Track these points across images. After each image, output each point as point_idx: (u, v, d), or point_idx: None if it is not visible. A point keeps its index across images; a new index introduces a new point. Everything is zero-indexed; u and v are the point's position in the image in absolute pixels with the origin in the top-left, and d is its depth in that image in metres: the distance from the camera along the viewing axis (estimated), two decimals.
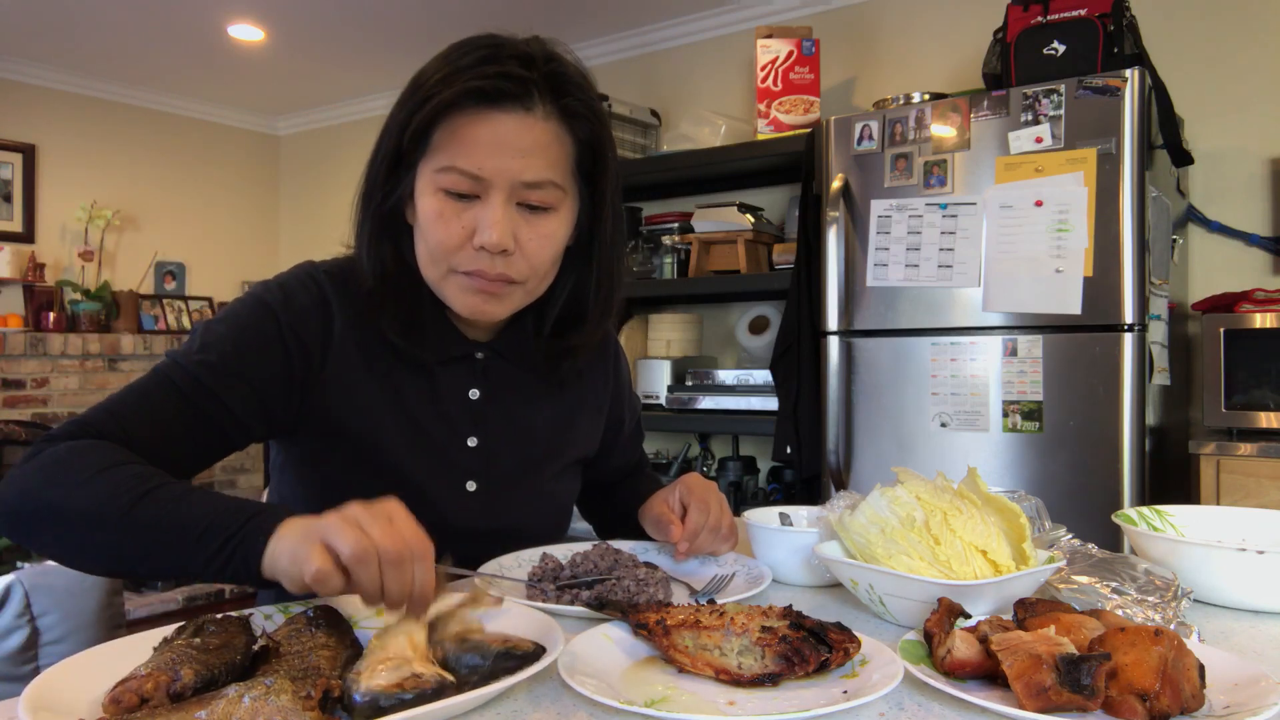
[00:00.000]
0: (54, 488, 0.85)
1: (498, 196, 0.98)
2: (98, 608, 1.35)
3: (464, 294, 1.03)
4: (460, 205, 0.99)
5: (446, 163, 0.98)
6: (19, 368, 4.23)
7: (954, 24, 3.24)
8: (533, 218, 1.01)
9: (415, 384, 1.09)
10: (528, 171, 0.98)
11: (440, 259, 1.01)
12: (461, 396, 1.12)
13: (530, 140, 0.98)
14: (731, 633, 0.74)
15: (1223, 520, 1.12)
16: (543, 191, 1.00)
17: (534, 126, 0.99)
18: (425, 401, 1.09)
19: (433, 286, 1.05)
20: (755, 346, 3.44)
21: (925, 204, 2.47)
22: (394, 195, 1.03)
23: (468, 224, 0.99)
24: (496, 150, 0.97)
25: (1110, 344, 2.23)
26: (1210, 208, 2.77)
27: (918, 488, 0.92)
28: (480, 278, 1.00)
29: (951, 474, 0.97)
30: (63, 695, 0.65)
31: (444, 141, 0.98)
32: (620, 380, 1.32)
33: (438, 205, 0.99)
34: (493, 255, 0.99)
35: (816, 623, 0.75)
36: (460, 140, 0.97)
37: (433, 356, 1.09)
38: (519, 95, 0.98)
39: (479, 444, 1.12)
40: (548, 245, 1.03)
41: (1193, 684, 0.65)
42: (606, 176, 1.07)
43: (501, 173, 0.97)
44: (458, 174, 0.97)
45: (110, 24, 3.94)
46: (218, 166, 5.26)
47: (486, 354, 1.13)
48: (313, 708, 0.60)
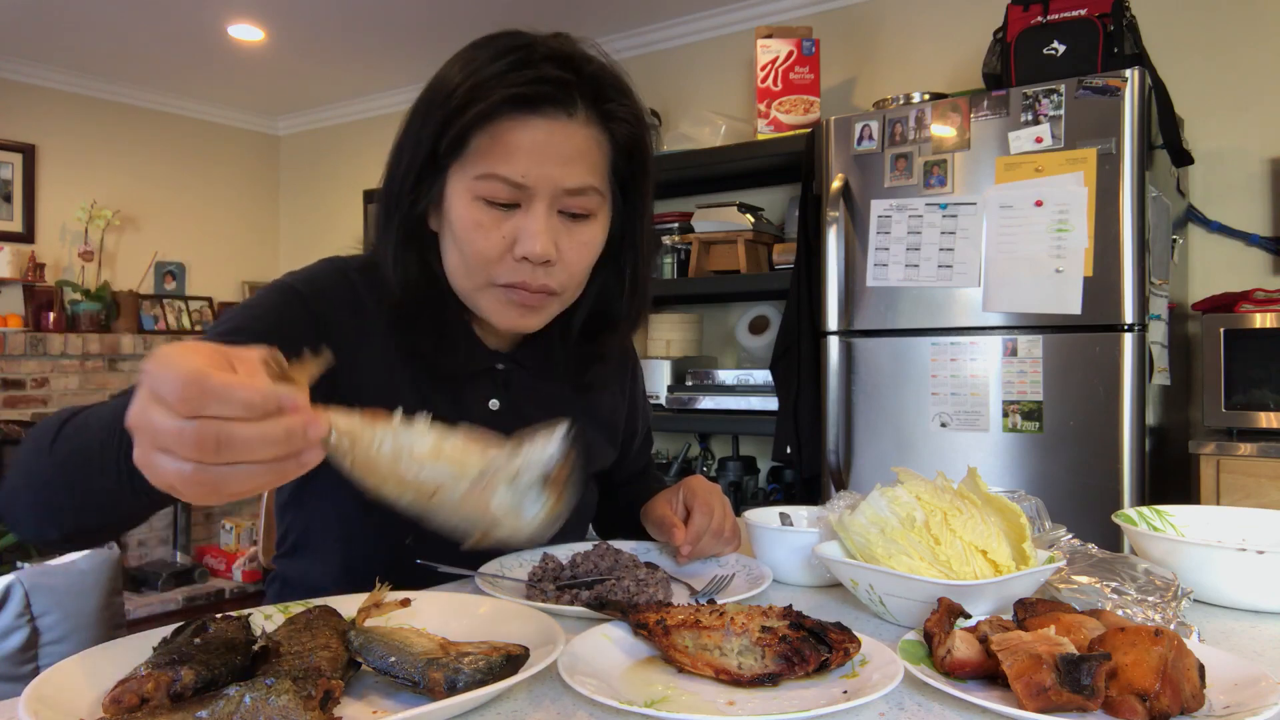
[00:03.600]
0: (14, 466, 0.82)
1: (540, 205, 0.94)
2: (98, 608, 1.35)
3: (502, 307, 0.98)
4: (500, 214, 0.94)
5: (487, 170, 0.93)
6: (19, 368, 4.23)
7: (954, 24, 3.24)
8: (573, 225, 0.97)
9: (439, 394, 1.05)
10: (570, 178, 0.94)
11: (477, 270, 0.97)
12: (482, 407, 1.09)
13: (572, 146, 0.95)
14: (731, 633, 0.74)
15: (1223, 520, 1.11)
16: (584, 198, 0.96)
17: (576, 132, 0.95)
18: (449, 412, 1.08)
19: (465, 297, 1.01)
20: (755, 346, 3.44)
21: (925, 204, 2.47)
22: (421, 203, 0.98)
23: (508, 234, 0.94)
24: (539, 157, 0.93)
25: (1110, 344, 2.23)
26: (1210, 208, 2.77)
27: (918, 488, 0.92)
28: (522, 290, 0.96)
29: (951, 474, 0.97)
30: (63, 695, 0.65)
31: (483, 148, 0.93)
32: (637, 391, 1.31)
33: (476, 215, 0.94)
34: (534, 266, 0.95)
35: (816, 623, 0.75)
36: (502, 146, 0.92)
37: (458, 368, 1.06)
38: (560, 100, 0.94)
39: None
40: (587, 253, 0.99)
41: (1193, 684, 0.65)
42: (647, 180, 1.04)
43: (544, 180, 0.93)
44: (500, 182, 0.93)
45: (110, 24, 3.94)
46: (218, 166, 5.26)
47: (507, 365, 1.10)
48: (314, 708, 0.60)
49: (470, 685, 0.67)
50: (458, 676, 0.67)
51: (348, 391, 0.98)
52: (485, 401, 1.09)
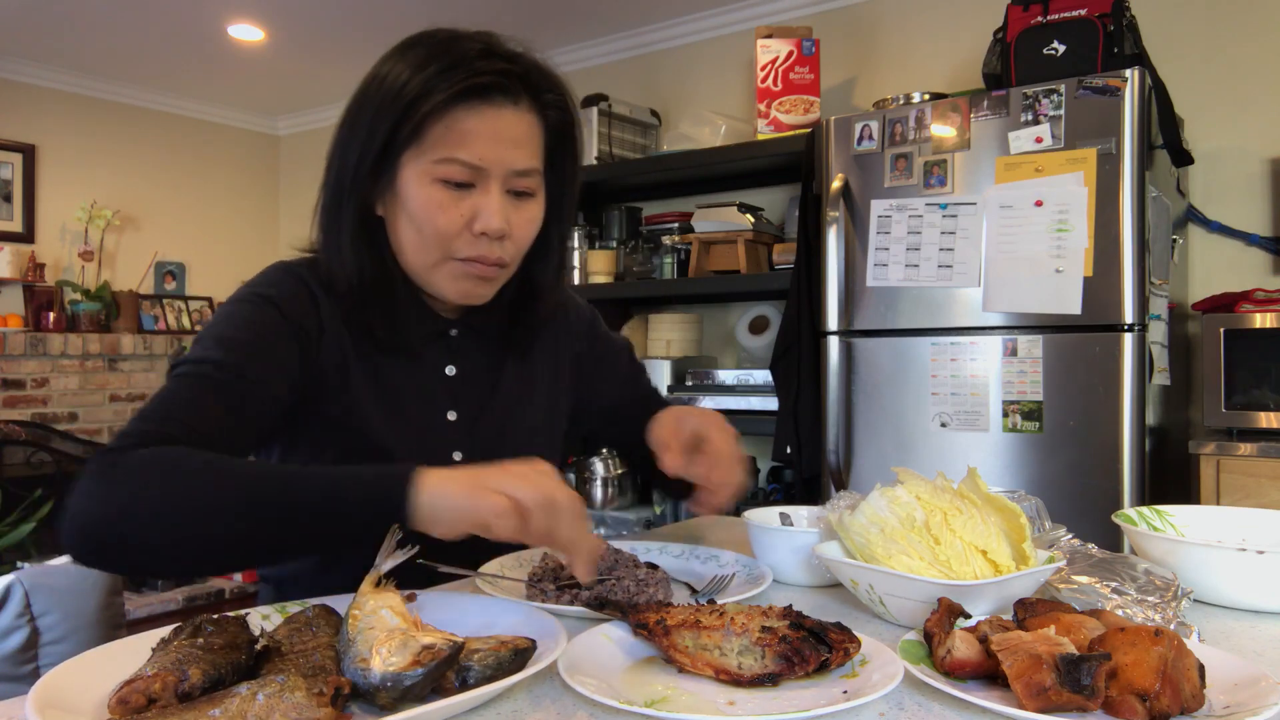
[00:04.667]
0: (160, 489, 0.83)
1: (494, 185, 1.04)
2: (98, 608, 1.35)
3: (458, 280, 1.07)
4: (458, 194, 1.03)
5: (445, 155, 1.02)
6: (19, 368, 4.23)
7: (954, 24, 3.24)
8: (519, 203, 1.07)
9: (395, 366, 1.12)
10: (519, 160, 1.04)
11: (435, 247, 1.05)
12: (439, 374, 1.16)
13: (519, 131, 1.05)
14: (731, 633, 0.74)
15: (1223, 520, 1.12)
16: (529, 179, 1.07)
17: (521, 119, 1.05)
18: (406, 382, 1.13)
19: (419, 274, 1.09)
20: (755, 346, 3.44)
21: (925, 204, 2.47)
22: (374, 192, 1.06)
23: (465, 212, 1.03)
24: (492, 141, 1.02)
25: (1110, 344, 2.23)
26: (1210, 208, 2.77)
27: (918, 488, 0.92)
28: (479, 263, 1.06)
29: (951, 474, 0.97)
30: (68, 696, 0.65)
31: (439, 136, 1.02)
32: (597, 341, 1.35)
33: (436, 195, 1.03)
34: (491, 241, 1.05)
35: (816, 623, 0.75)
36: (457, 134, 1.02)
37: (412, 340, 1.13)
38: (507, 90, 1.03)
39: (458, 417, 1.15)
40: (531, 229, 1.10)
41: (1193, 684, 0.65)
42: (576, 163, 1.14)
43: (498, 162, 1.03)
44: (458, 165, 1.02)
45: (110, 24, 3.94)
46: (218, 166, 5.26)
47: (460, 330, 1.18)
48: (326, 704, 0.61)
49: (480, 681, 0.67)
50: (468, 673, 0.67)
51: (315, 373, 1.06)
52: (442, 368, 1.16)
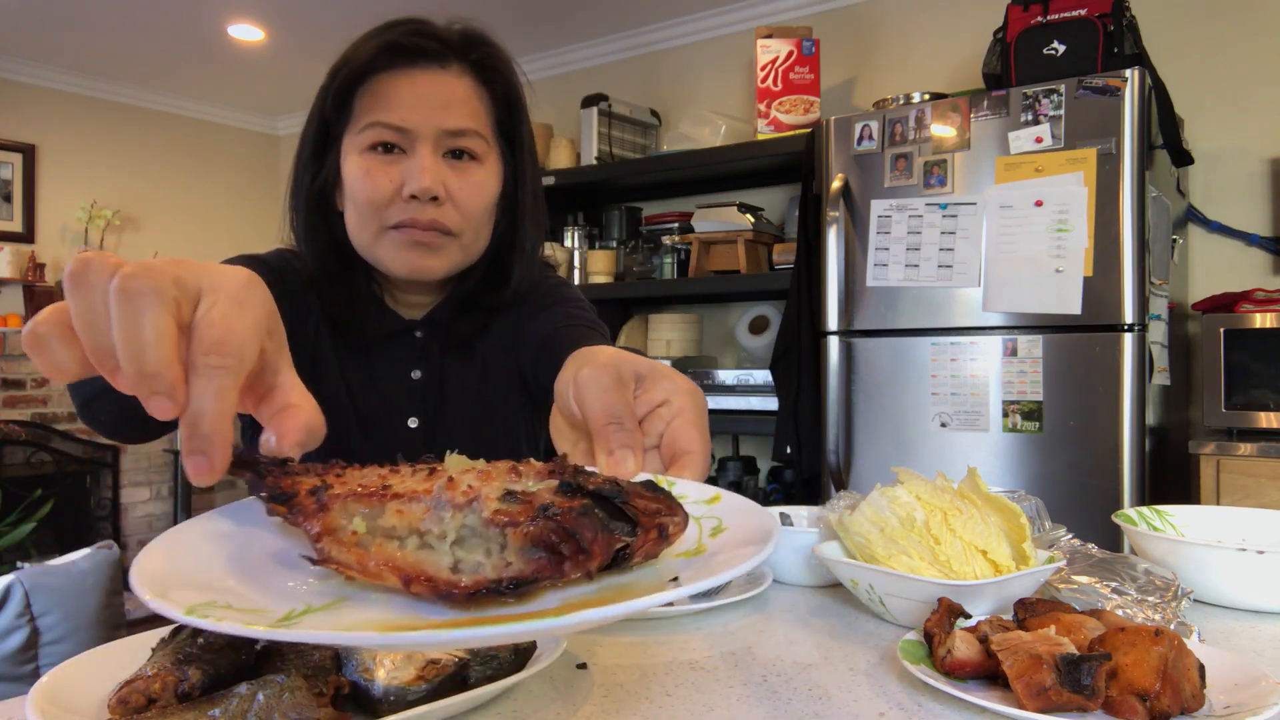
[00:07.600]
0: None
1: (425, 147, 1.00)
2: (98, 608, 1.35)
3: (399, 250, 1.02)
4: (387, 160, 1.01)
5: (370, 120, 1.00)
6: (19, 368, 4.23)
7: (954, 24, 3.25)
8: (461, 166, 1.03)
9: (357, 366, 1.10)
10: (449, 120, 1.01)
11: (370, 216, 1.01)
12: (404, 377, 1.11)
13: (449, 92, 1.02)
14: (445, 504, 0.42)
15: (1223, 520, 1.11)
16: (467, 139, 1.02)
17: (451, 81, 1.02)
18: (364, 379, 1.10)
19: (366, 253, 1.05)
20: (755, 346, 3.45)
21: (925, 204, 2.47)
22: (320, 176, 1.05)
23: (395, 177, 1.00)
24: (418, 102, 1.00)
25: (1110, 344, 2.23)
26: (1210, 208, 2.77)
27: (918, 488, 0.92)
28: (412, 228, 1.01)
29: (951, 474, 0.97)
30: (68, 696, 0.65)
31: (366, 105, 1.01)
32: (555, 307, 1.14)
33: (365, 164, 1.00)
34: (423, 203, 1.00)
35: (610, 483, 0.43)
36: (381, 97, 1.00)
37: (373, 334, 1.09)
38: (434, 53, 1.01)
39: (419, 425, 1.11)
40: (478, 195, 1.04)
41: (1193, 684, 0.66)
42: (523, 127, 1.10)
43: (424, 123, 1.00)
44: (382, 127, 1.00)
45: (110, 24, 3.94)
46: (218, 166, 5.26)
47: (426, 332, 1.12)
48: (326, 704, 0.61)
49: (480, 681, 0.67)
50: (468, 673, 0.67)
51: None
52: (408, 372, 1.12)
